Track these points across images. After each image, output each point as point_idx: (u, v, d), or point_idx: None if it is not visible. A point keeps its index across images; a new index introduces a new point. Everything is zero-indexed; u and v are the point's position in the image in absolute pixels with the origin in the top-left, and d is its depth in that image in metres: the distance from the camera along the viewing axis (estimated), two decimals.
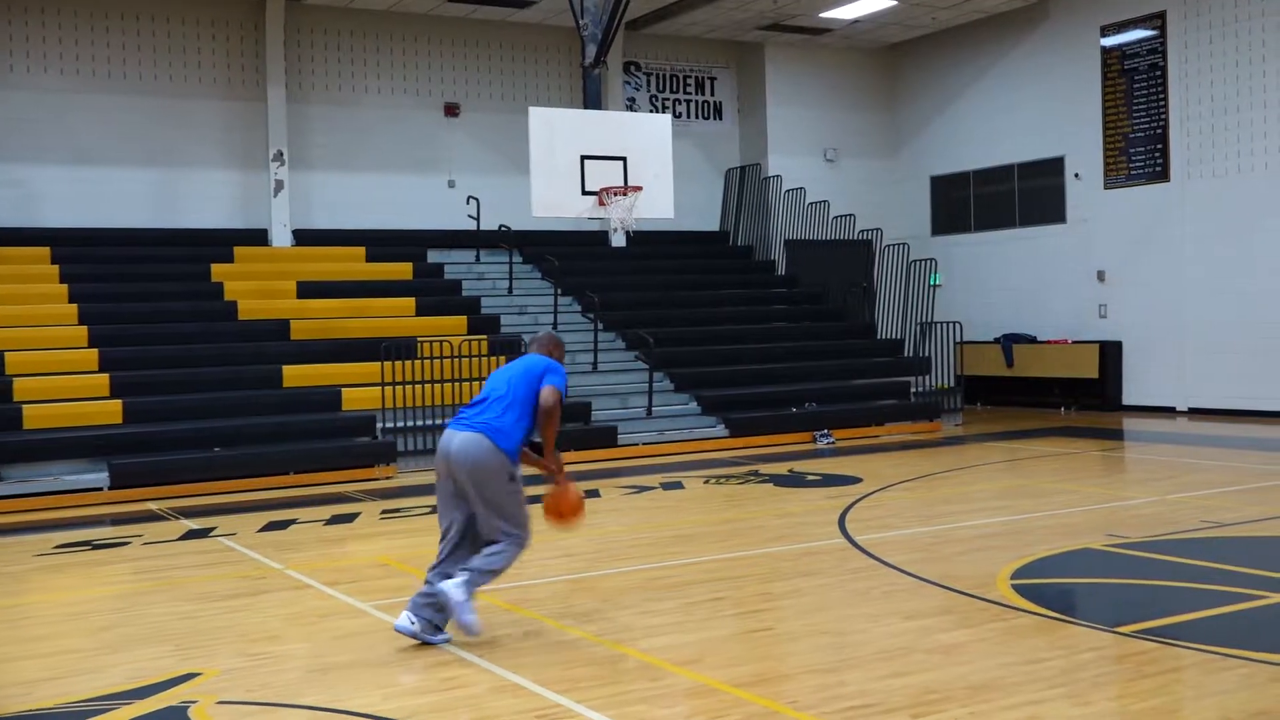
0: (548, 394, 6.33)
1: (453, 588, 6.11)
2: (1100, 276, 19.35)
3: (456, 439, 6.26)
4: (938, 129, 22.05)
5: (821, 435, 15.94)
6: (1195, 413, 17.91)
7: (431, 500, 11.54)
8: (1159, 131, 18.42)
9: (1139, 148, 18.73)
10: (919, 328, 19.43)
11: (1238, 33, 17.38)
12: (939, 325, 19.33)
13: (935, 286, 20.19)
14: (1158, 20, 18.37)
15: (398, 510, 11.17)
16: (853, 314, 20.09)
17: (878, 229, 20.79)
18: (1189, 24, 17.98)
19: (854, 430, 16.47)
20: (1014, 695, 5.14)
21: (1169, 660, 5.62)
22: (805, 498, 11.14)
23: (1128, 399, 19.02)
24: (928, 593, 7.13)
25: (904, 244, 20.45)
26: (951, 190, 21.94)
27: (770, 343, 18.25)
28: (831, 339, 18.88)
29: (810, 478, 12.52)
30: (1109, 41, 19.12)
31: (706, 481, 12.50)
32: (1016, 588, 7.11)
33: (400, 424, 14.22)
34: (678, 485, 12.25)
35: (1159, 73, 18.39)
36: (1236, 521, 8.99)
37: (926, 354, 19.17)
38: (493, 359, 15.22)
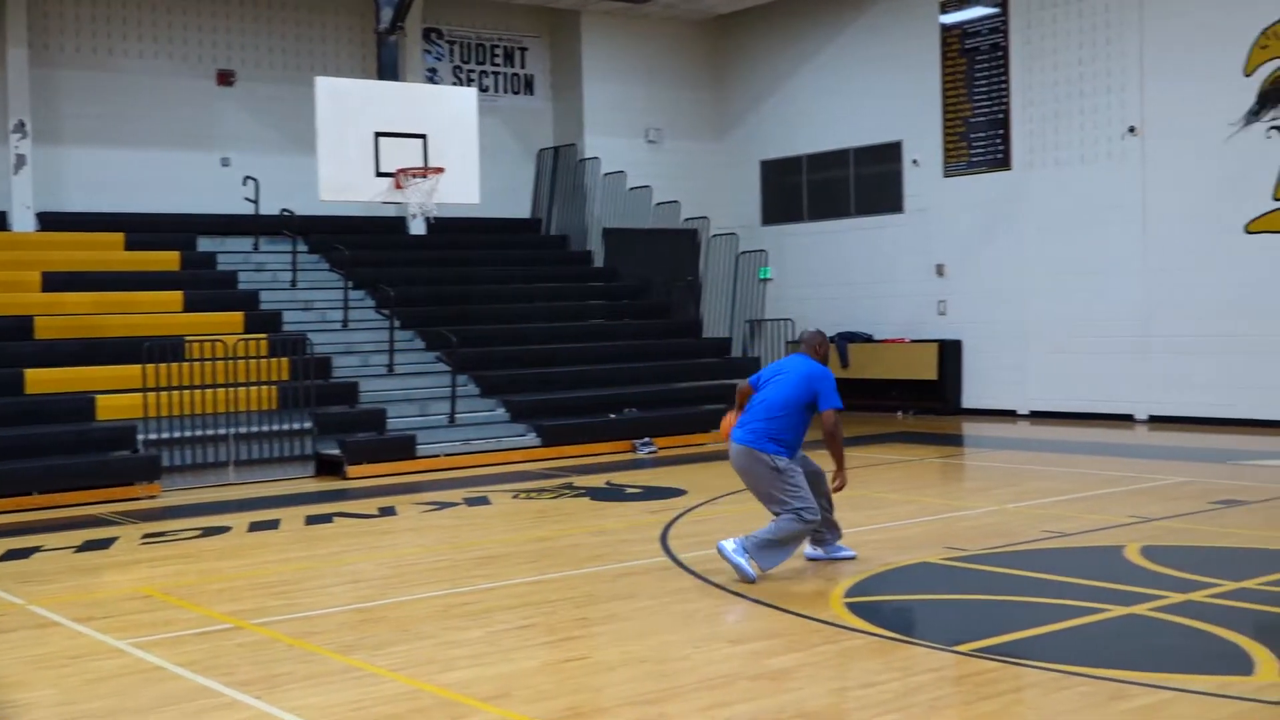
0: (829, 419, 8.11)
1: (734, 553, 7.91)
2: (939, 270, 20.01)
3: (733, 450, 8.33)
4: (769, 110, 22.47)
5: (642, 444, 16.07)
6: (1037, 416, 18.67)
7: (201, 522, 11.27)
8: (1000, 116, 19.14)
9: (980, 133, 19.43)
10: (748, 325, 19.79)
11: (1082, 12, 18.18)
12: (769, 323, 19.73)
13: (765, 280, 20.57)
14: None
15: (162, 534, 10.83)
16: (677, 310, 20.32)
17: (704, 217, 21.09)
18: (1033, 2, 18.73)
19: (678, 438, 16.65)
20: None
21: (1009, 680, 5.83)
22: (624, 512, 11.21)
23: (968, 401, 19.71)
24: (756, 614, 7.26)
25: (732, 234, 20.80)
26: (783, 176, 22.38)
27: (587, 342, 18.33)
28: (654, 338, 19.06)
29: (630, 490, 12.61)
30: (949, 19, 19.78)
31: (516, 496, 12.48)
32: (850, 606, 7.29)
33: (165, 435, 13.79)
34: (483, 500, 12.20)
35: (1001, 53, 19.12)
36: (1077, 531, 9.40)
37: (756, 354, 19.53)
38: (273, 361, 14.90)
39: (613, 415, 16.69)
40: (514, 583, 8.30)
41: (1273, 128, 16.49)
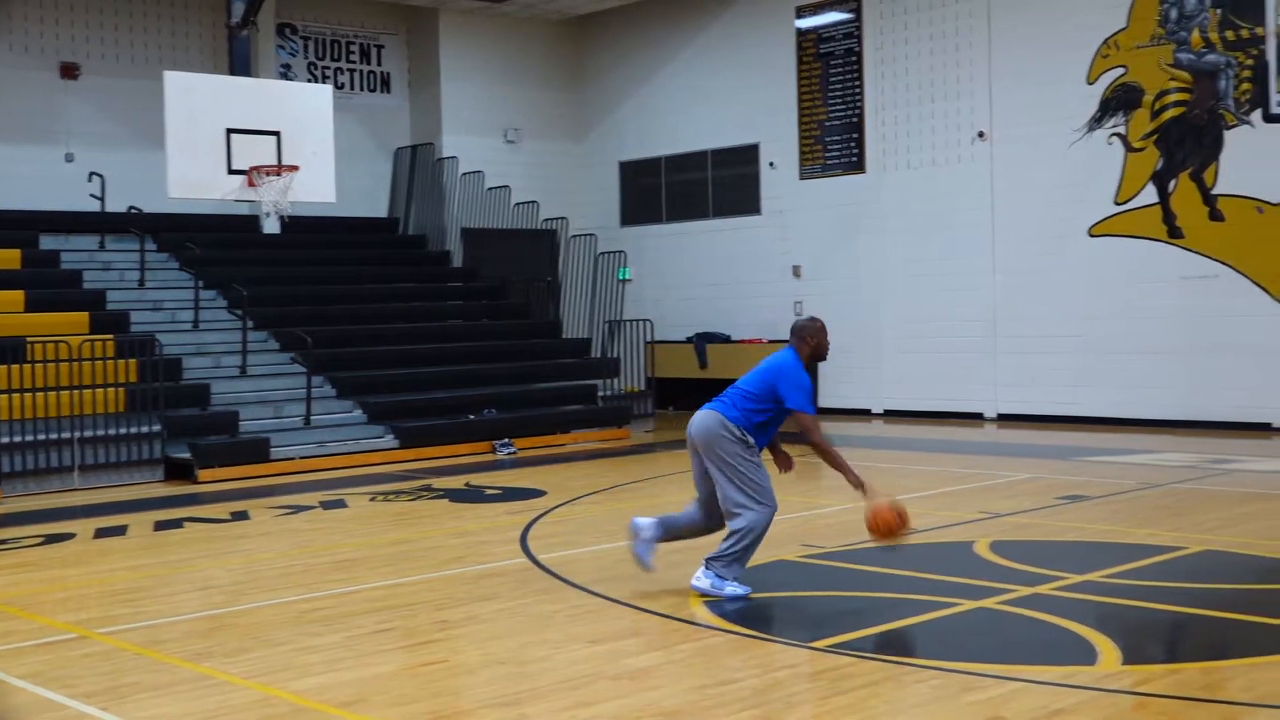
0: (810, 427, 7.70)
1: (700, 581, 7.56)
2: (796, 272, 20.30)
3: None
4: (628, 111, 22.57)
5: (502, 445, 16.01)
6: (890, 414, 19.04)
7: (44, 529, 10.94)
8: (855, 120, 19.49)
9: (835, 137, 19.76)
10: (607, 326, 19.85)
11: (933, 20, 18.60)
12: (628, 323, 19.81)
13: (624, 281, 20.65)
14: (854, 2, 19.43)
15: (2, 542, 10.48)
16: (536, 311, 20.30)
17: (563, 218, 21.09)
18: (885, 8, 19.11)
19: (537, 439, 16.63)
20: (705, 719, 5.33)
21: (864, 675, 5.93)
22: (483, 514, 11.16)
23: (823, 401, 20.00)
24: (616, 614, 7.27)
25: (591, 235, 20.84)
26: (642, 177, 22.49)
27: (445, 343, 18.20)
28: (513, 338, 19.00)
29: (489, 492, 12.56)
30: (804, 23, 20.08)
31: (373, 498, 12.34)
32: (709, 605, 7.35)
33: (6, 439, 13.35)
34: (340, 504, 12.04)
35: (855, 59, 19.46)
36: (930, 527, 9.60)
37: (615, 354, 19.59)
38: (120, 363, 14.52)
39: (471, 416, 16.60)
40: (371, 586, 8.21)
41: (1114, 134, 17.04)
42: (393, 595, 7.92)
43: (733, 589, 7.48)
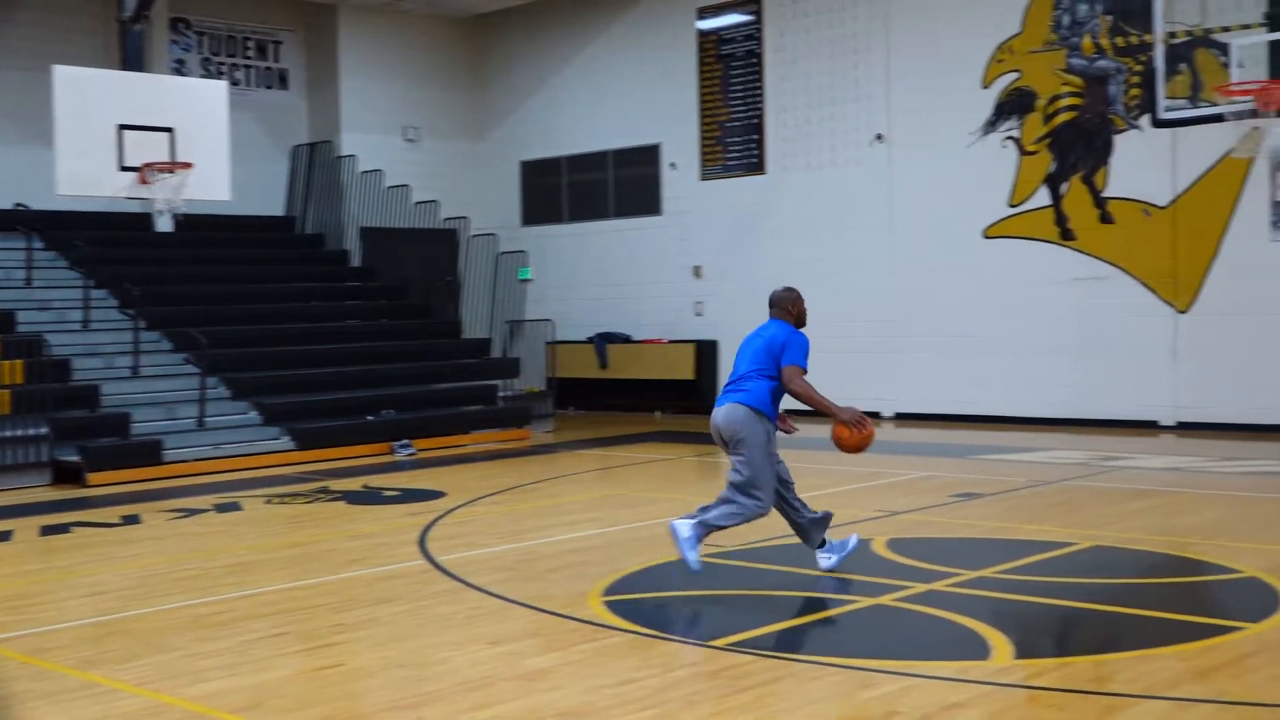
0: (787, 373, 7.72)
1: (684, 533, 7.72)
2: (697, 272, 20.40)
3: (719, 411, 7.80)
4: (529, 111, 22.51)
5: (401, 446, 15.89)
6: (791, 414, 19.14)
7: None
8: (755, 122, 19.62)
9: (735, 138, 19.88)
10: (508, 326, 19.79)
11: (832, 23, 18.79)
12: (529, 323, 19.77)
13: (525, 281, 20.60)
14: (754, 5, 19.57)
15: None
16: (436, 311, 20.17)
17: (464, 217, 20.99)
18: (785, 10, 19.27)
19: (437, 440, 16.53)
20: (605, 719, 5.33)
21: (763, 672, 5.98)
22: (382, 516, 11.07)
23: None
24: (515, 615, 7.26)
25: (492, 234, 20.77)
26: (543, 177, 22.46)
27: (343, 343, 18.02)
28: (412, 339, 18.87)
29: (388, 493, 12.46)
30: (706, 25, 20.18)
31: (269, 501, 12.18)
32: (609, 605, 7.36)
33: None
34: (234, 507, 11.87)
35: (755, 60, 19.60)
36: (830, 526, 9.69)
37: (516, 355, 19.53)
38: (5, 364, 14.18)
39: (370, 417, 16.46)
40: (267, 590, 8.10)
41: (1008, 138, 17.35)
42: (288, 599, 7.83)
43: (694, 556, 7.74)
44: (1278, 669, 5.85)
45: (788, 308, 8.15)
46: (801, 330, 8.05)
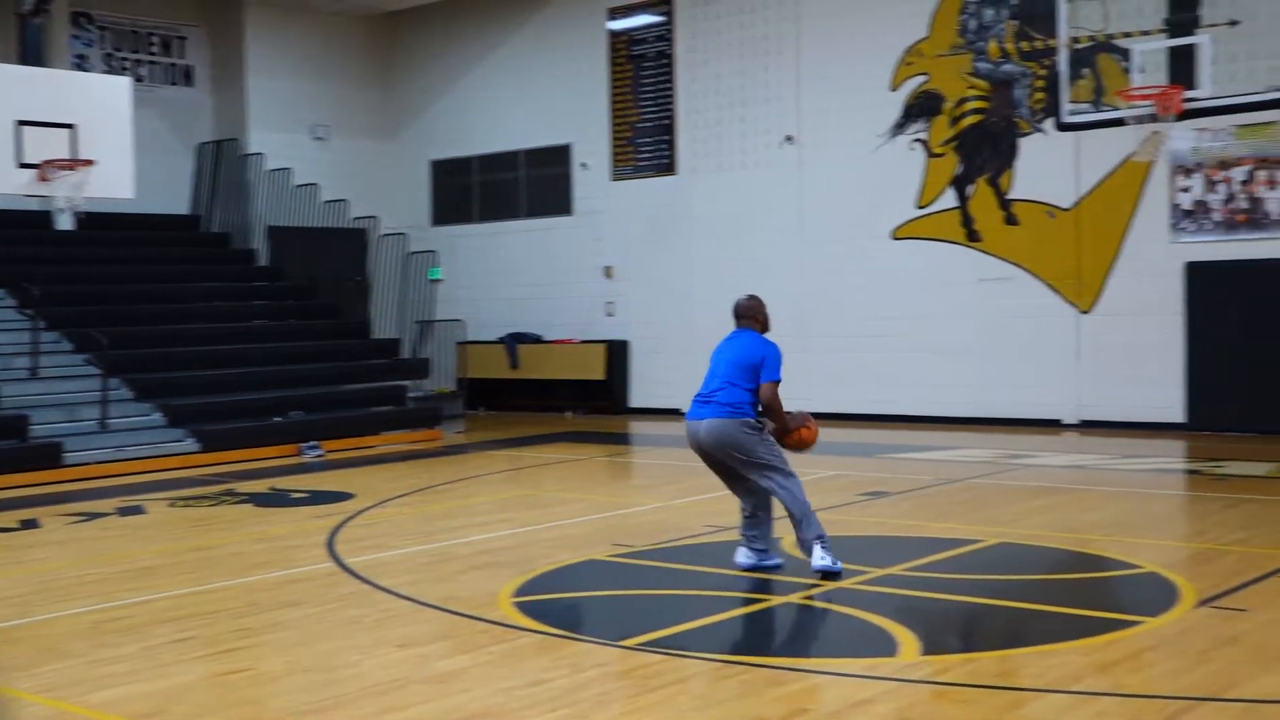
0: (767, 392, 7.89)
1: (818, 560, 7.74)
2: (608, 272, 20.41)
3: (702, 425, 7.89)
4: (439, 110, 22.40)
5: (309, 447, 15.73)
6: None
7: None
8: (666, 122, 19.68)
9: (647, 138, 19.92)
10: (418, 326, 19.66)
11: (743, 24, 18.89)
12: (439, 324, 19.66)
13: (436, 281, 20.49)
14: (665, 6, 19.62)
15: None
16: (345, 311, 19.99)
17: (373, 217, 20.82)
18: (696, 12, 19.35)
19: (346, 441, 16.38)
20: None
21: (673, 672, 5.99)
22: (289, 518, 10.95)
23: (635, 401, 20.19)
24: (425, 617, 7.21)
25: (402, 234, 20.62)
26: (454, 177, 22.36)
27: (250, 343, 17.80)
28: (321, 339, 18.69)
29: (296, 495, 12.33)
30: (617, 25, 20.20)
31: (173, 504, 11.99)
32: (519, 606, 7.34)
33: None
34: (138, 510, 11.67)
35: (666, 61, 19.66)
36: (735, 525, 9.73)
37: (426, 355, 19.41)
38: None
39: (277, 419, 16.27)
40: (170, 595, 7.97)
41: (916, 140, 17.56)
42: (193, 603, 7.71)
43: (830, 560, 7.80)
44: (1176, 662, 5.98)
45: (755, 316, 8.31)
46: (769, 337, 8.24)
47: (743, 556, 8.13)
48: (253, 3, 21.05)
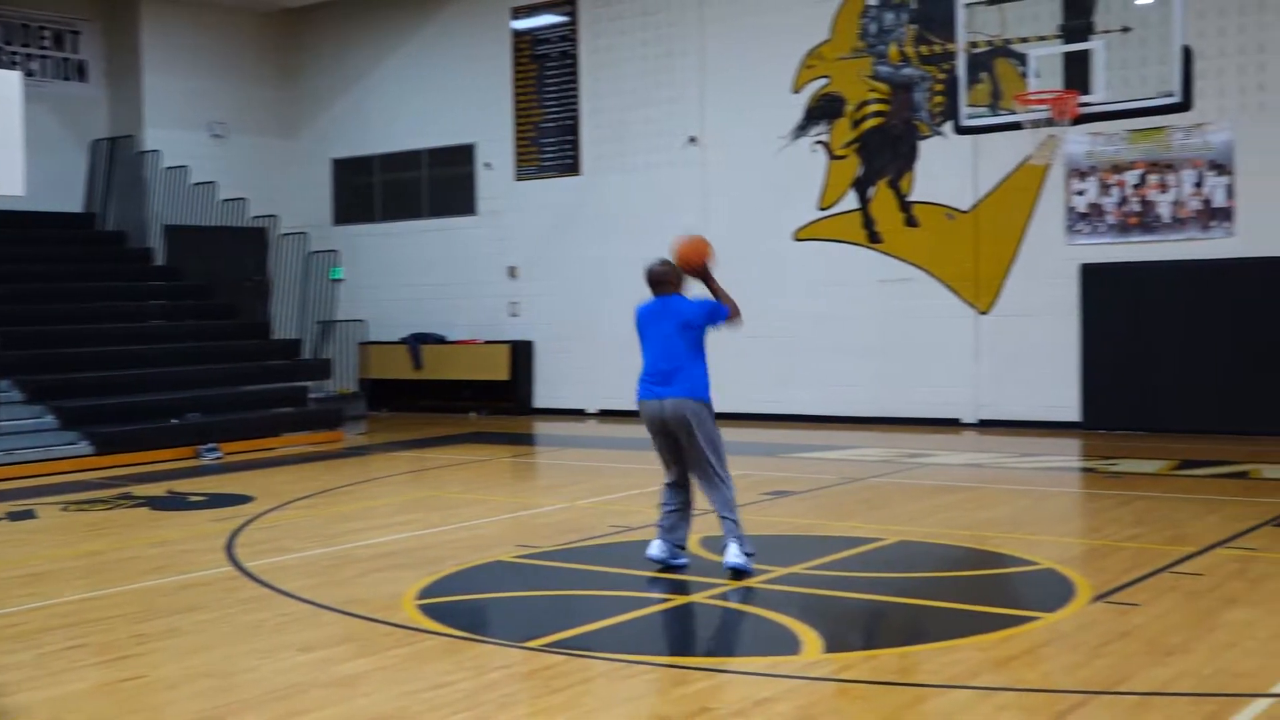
0: (733, 317, 8.13)
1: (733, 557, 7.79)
2: (512, 272, 20.35)
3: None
4: (341, 108, 22.18)
5: (207, 449, 15.48)
6: (606, 414, 19.28)
7: None
8: (570, 123, 19.66)
9: (551, 138, 19.89)
10: (319, 326, 19.44)
11: (646, 25, 18.93)
12: (341, 324, 19.46)
13: (337, 281, 20.27)
14: (569, 6, 19.60)
15: None
16: (245, 311, 19.71)
17: (273, 216, 20.55)
18: (600, 12, 19.35)
19: (245, 443, 16.14)
20: None
21: (578, 672, 5.99)
22: (187, 522, 10.77)
23: (539, 401, 20.14)
24: (327, 620, 7.13)
25: (303, 233, 20.37)
26: (355, 175, 22.15)
27: (147, 344, 17.48)
28: (219, 339, 18.41)
29: (194, 498, 12.13)
30: (520, 24, 20.14)
31: (66, 509, 11.73)
32: (423, 608, 7.29)
33: None
34: (29, 515, 11.40)
35: (570, 61, 19.63)
36: (644, 525, 9.75)
37: (327, 356, 19.20)
38: None
39: (174, 420, 15.99)
40: (63, 601, 7.80)
41: (818, 142, 17.72)
42: (87, 609, 7.55)
43: (743, 560, 7.88)
44: (1072, 657, 6.10)
45: (673, 280, 8.34)
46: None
47: (656, 549, 8.13)
48: None
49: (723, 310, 8.13)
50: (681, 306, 8.12)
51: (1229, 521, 9.48)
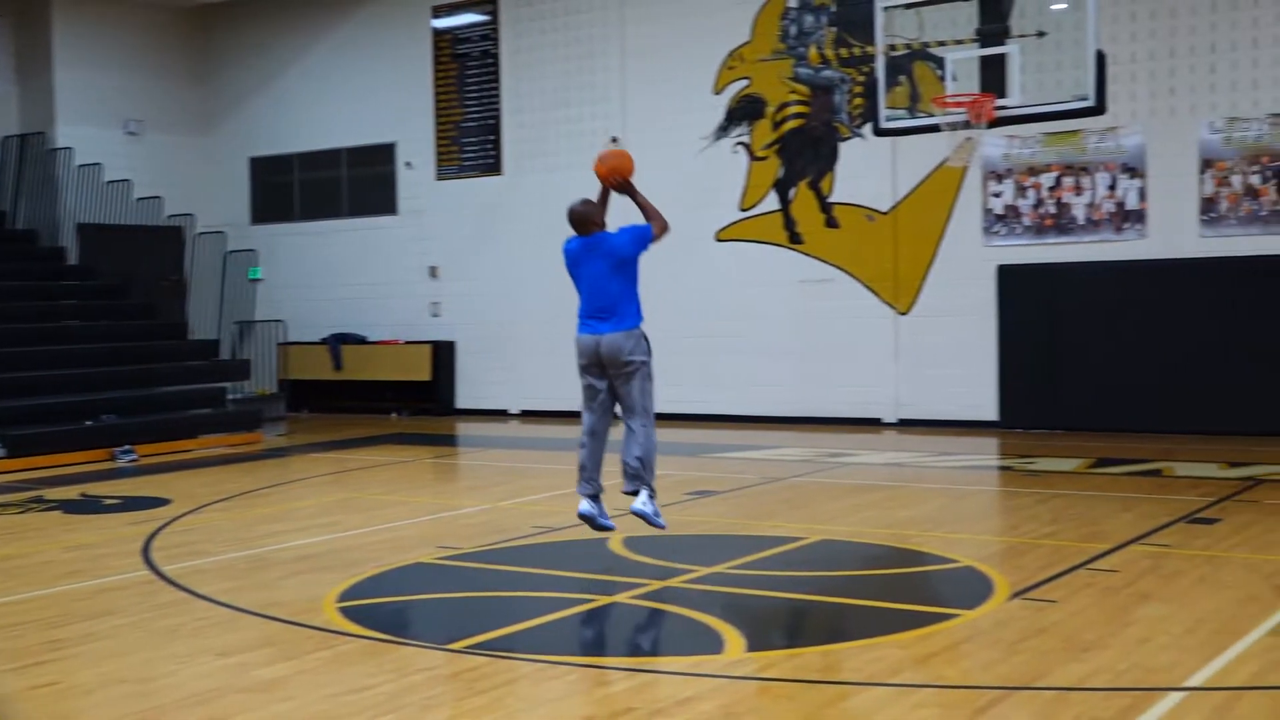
0: (659, 231, 8.43)
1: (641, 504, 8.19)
2: (433, 272, 20.24)
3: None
4: (259, 106, 21.92)
5: (122, 452, 15.23)
6: (528, 414, 19.24)
7: None
8: (492, 122, 19.59)
9: (472, 138, 19.80)
10: (237, 327, 19.21)
11: (568, 25, 18.91)
12: (260, 324, 19.25)
13: (256, 281, 20.03)
14: (490, 5, 19.52)
15: None
16: (161, 311, 19.42)
17: (190, 214, 20.27)
18: (521, 12, 19.29)
19: (162, 445, 15.91)
20: None
21: (501, 674, 5.96)
22: (102, 525, 10.59)
23: (461, 402, 20.04)
24: (246, 624, 7.05)
25: (220, 232, 20.13)
26: (274, 174, 21.91)
27: (59, 344, 17.15)
28: (135, 340, 18.10)
29: (109, 502, 11.93)
30: (441, 23, 20.03)
31: None
32: (344, 611, 7.22)
33: None
34: None
35: (491, 61, 19.56)
36: (564, 525, 9.74)
37: (246, 356, 18.98)
38: None
39: (89, 422, 15.72)
40: None
41: (739, 143, 17.79)
42: None
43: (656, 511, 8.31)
44: (990, 653, 6.17)
45: (594, 219, 8.62)
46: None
47: (586, 505, 8.50)
48: None
49: (648, 230, 8.38)
50: (611, 243, 8.40)
51: (1143, 519, 9.64)
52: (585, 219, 8.45)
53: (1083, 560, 8.15)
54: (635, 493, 8.36)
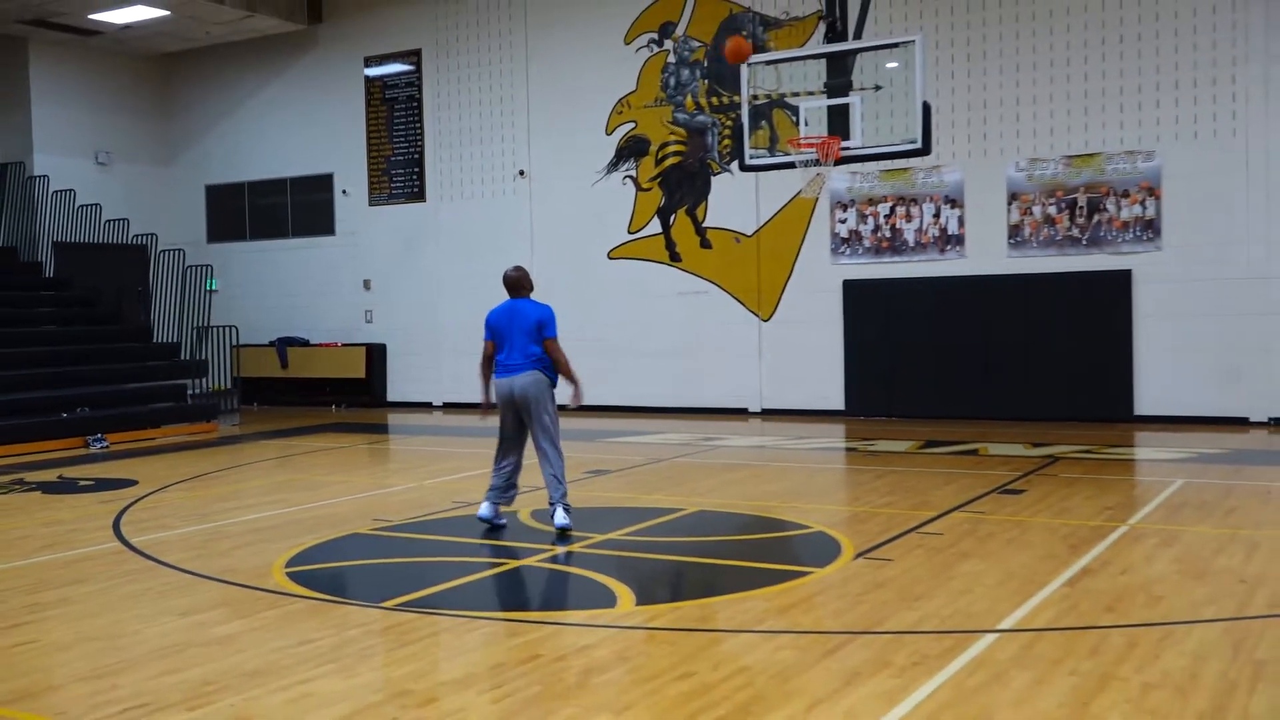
0: (550, 346, 8.16)
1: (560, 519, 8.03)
2: (367, 285, 19.98)
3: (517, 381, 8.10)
4: (214, 140, 21.46)
5: (95, 440, 14.81)
6: (449, 406, 19.07)
7: None
8: (416, 156, 19.38)
9: (400, 170, 19.57)
10: (196, 331, 18.75)
11: (482, 75, 18.78)
12: (216, 329, 18.82)
13: (212, 291, 19.59)
14: (414, 57, 19.31)
15: None
16: (128, 318, 18.90)
17: (153, 234, 19.75)
18: (441, 63, 19.11)
19: (130, 434, 15.50)
20: (287, 677, 5.12)
21: (427, 628, 5.90)
22: (77, 504, 10.28)
23: (392, 396, 19.81)
24: (204, 588, 6.89)
25: (181, 249, 19.63)
26: (227, 200, 21.46)
27: (39, 346, 16.61)
28: (106, 343, 17.61)
29: (83, 483, 11.58)
30: (372, 72, 19.77)
31: None
32: (291, 575, 7.09)
33: None
34: None
35: (416, 104, 19.35)
36: (479, 501, 9.66)
37: (204, 357, 18.54)
38: None
39: (65, 415, 15.25)
40: None
41: (627, 176, 17.80)
42: None
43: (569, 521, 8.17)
44: (839, 604, 6.24)
45: (523, 285, 8.42)
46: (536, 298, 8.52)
47: (486, 509, 8.42)
48: (37, 40, 19.67)
49: (551, 332, 8.33)
50: (530, 312, 8.31)
51: (963, 490, 9.82)
52: (518, 284, 8.48)
53: (914, 525, 8.28)
54: (553, 513, 8.22)
